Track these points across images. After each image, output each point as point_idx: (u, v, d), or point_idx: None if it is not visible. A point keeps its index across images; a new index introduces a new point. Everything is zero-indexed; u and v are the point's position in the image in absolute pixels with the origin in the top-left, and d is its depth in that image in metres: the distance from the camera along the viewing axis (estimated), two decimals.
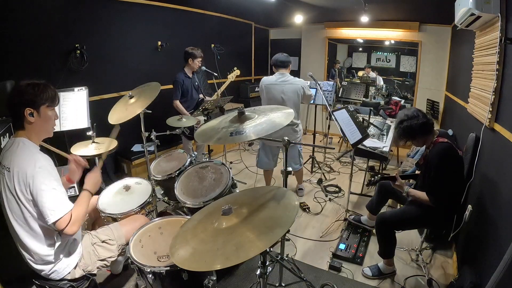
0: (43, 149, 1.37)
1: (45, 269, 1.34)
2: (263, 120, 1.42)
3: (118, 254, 1.62)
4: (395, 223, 2.01)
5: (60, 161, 2.15)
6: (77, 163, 1.59)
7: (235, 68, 3.63)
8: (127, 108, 2.21)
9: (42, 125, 1.33)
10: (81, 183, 1.56)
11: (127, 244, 1.62)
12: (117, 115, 2.18)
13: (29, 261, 1.33)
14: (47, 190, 1.22)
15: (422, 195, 1.89)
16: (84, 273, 1.46)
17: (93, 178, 1.51)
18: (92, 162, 2.51)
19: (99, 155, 1.90)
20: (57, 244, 1.37)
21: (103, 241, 1.57)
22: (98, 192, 1.92)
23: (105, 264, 1.55)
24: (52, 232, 1.34)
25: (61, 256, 1.38)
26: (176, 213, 2.04)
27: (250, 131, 1.35)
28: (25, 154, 1.24)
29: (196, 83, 3.53)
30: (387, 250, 2.09)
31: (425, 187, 1.90)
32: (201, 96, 3.57)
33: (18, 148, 1.26)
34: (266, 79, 2.84)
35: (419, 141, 1.96)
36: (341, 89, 5.38)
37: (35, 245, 1.30)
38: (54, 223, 1.22)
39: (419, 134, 1.90)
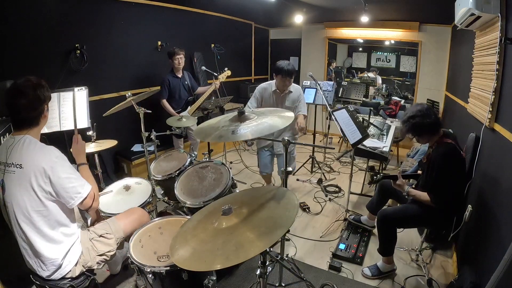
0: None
1: (48, 271, 1.35)
2: (263, 121, 1.42)
3: (117, 247, 1.62)
4: (397, 220, 2.01)
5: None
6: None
7: (226, 69, 3.57)
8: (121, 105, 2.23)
9: (47, 117, 1.42)
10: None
11: (125, 238, 1.63)
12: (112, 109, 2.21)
13: (33, 264, 1.34)
14: (68, 177, 1.31)
15: (423, 195, 1.89)
16: (84, 270, 1.46)
17: (78, 150, 1.59)
18: (91, 159, 2.52)
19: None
20: (64, 244, 1.38)
21: (100, 236, 1.56)
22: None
23: (104, 258, 1.55)
24: (60, 231, 1.36)
25: (65, 256, 1.38)
26: (176, 213, 2.04)
27: (250, 130, 1.35)
28: (36, 149, 1.29)
29: (186, 82, 3.51)
30: (387, 247, 2.09)
31: (427, 186, 1.90)
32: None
33: (26, 145, 1.28)
34: None
35: (424, 138, 1.96)
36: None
37: (44, 244, 1.31)
38: (81, 203, 1.35)
39: (426, 132, 1.90)
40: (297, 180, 3.70)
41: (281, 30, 5.97)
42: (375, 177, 2.13)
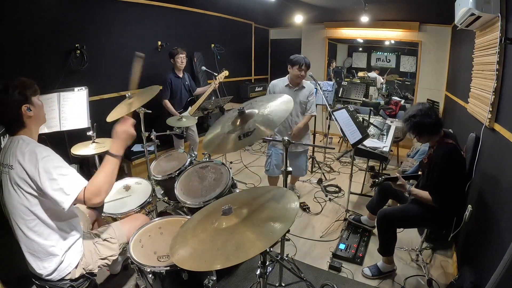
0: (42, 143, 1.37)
1: (48, 269, 1.35)
2: (266, 113, 1.40)
3: (120, 253, 1.62)
4: (397, 219, 2.02)
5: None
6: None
7: (224, 69, 3.54)
8: (122, 107, 2.22)
9: (39, 113, 1.38)
10: None
11: (128, 243, 1.63)
12: (115, 114, 2.19)
13: (32, 263, 1.33)
14: (55, 179, 1.22)
15: (424, 194, 1.90)
16: (85, 272, 1.45)
17: (121, 133, 1.37)
18: (92, 161, 2.52)
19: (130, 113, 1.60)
20: (62, 242, 1.37)
21: (104, 240, 1.56)
22: None
23: (106, 263, 1.55)
24: (57, 229, 1.35)
25: (64, 255, 1.38)
26: (176, 213, 2.04)
27: (257, 130, 1.32)
28: (25, 150, 1.26)
29: (187, 83, 3.51)
30: (387, 247, 2.09)
31: (428, 187, 1.90)
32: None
33: (18, 145, 1.27)
34: None
35: (424, 138, 1.96)
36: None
37: (41, 243, 1.31)
38: (74, 203, 1.23)
39: (427, 132, 1.90)
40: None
41: (281, 30, 5.97)
42: (376, 180, 2.13)
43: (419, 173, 2.27)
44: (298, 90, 2.76)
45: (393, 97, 5.59)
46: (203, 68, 3.63)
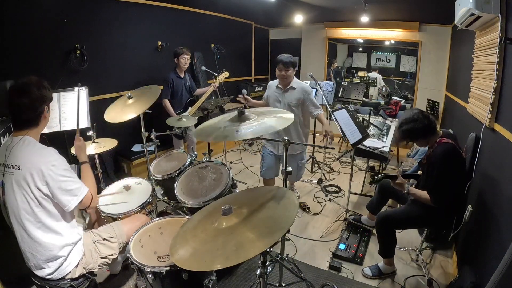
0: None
1: (50, 269, 1.35)
2: (263, 121, 1.42)
3: (119, 252, 1.63)
4: (396, 222, 2.02)
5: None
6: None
7: (224, 70, 3.53)
8: (122, 109, 2.23)
9: (48, 118, 1.42)
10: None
11: (128, 242, 1.63)
12: (113, 114, 2.20)
13: (35, 264, 1.34)
14: (65, 180, 1.31)
15: (423, 193, 1.90)
16: (85, 271, 1.46)
17: (80, 147, 1.65)
18: (91, 159, 2.53)
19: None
20: (66, 243, 1.38)
21: (104, 239, 1.57)
22: (98, 192, 1.94)
23: (106, 262, 1.56)
24: (61, 231, 1.36)
25: (67, 255, 1.38)
26: (176, 213, 2.04)
27: (254, 129, 1.34)
28: (35, 150, 1.28)
29: (188, 83, 3.51)
30: (387, 249, 2.09)
31: (427, 187, 1.90)
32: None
33: (24, 146, 1.27)
34: None
35: (422, 142, 1.98)
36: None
37: (46, 244, 1.31)
38: (78, 204, 1.36)
39: (420, 136, 1.91)
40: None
41: (281, 30, 5.97)
42: (376, 177, 2.13)
43: (419, 173, 2.27)
44: (286, 91, 2.62)
45: (393, 97, 5.59)
46: (203, 68, 3.63)
